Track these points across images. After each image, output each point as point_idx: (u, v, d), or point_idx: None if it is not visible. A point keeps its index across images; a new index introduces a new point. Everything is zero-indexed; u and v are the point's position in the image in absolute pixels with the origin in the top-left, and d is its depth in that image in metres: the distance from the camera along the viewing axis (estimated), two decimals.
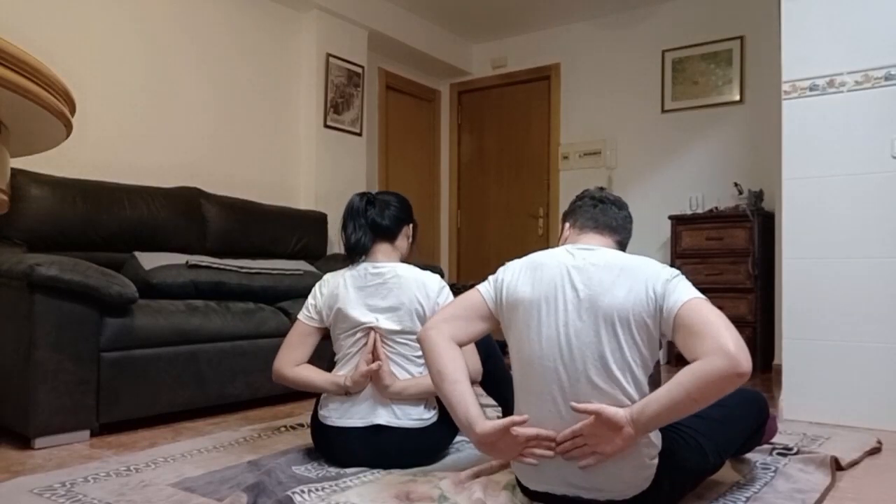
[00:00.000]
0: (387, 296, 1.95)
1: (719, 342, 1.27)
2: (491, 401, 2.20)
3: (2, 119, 1.13)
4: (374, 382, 1.91)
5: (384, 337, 1.93)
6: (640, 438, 1.38)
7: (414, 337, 1.93)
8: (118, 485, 1.79)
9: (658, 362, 1.48)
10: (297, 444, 2.21)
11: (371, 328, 1.93)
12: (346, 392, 1.92)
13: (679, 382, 1.29)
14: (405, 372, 1.93)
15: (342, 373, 1.96)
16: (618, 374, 1.40)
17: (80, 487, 1.77)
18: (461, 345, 1.59)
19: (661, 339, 1.44)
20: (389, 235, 2.06)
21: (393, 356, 1.94)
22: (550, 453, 1.43)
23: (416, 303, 1.94)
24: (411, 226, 2.13)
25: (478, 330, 1.60)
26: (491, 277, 1.61)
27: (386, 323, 1.93)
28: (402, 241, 2.10)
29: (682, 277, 1.44)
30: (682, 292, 1.38)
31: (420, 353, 1.94)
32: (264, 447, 2.20)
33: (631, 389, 1.40)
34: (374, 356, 1.90)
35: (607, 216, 1.65)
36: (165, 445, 2.23)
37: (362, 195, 2.08)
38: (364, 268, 2.01)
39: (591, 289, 1.43)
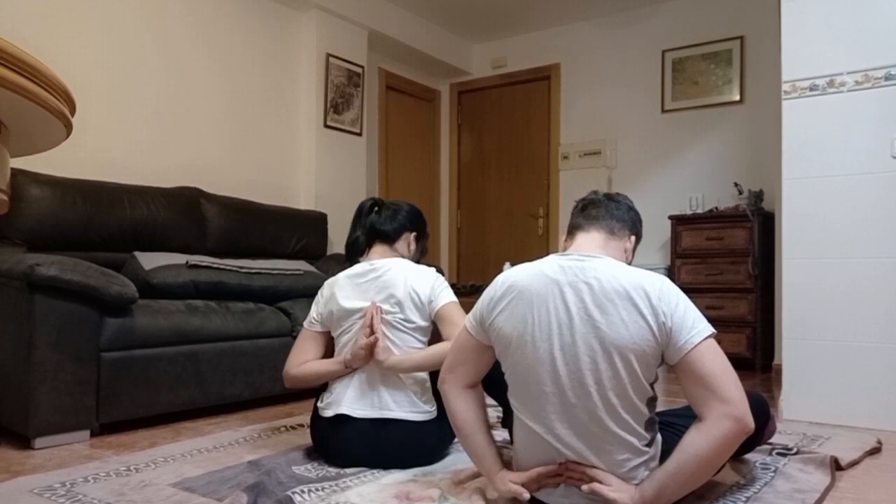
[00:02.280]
0: (382, 289, 1.99)
1: (727, 407, 1.30)
2: (491, 401, 2.20)
3: (2, 119, 1.13)
4: (372, 356, 1.94)
5: (383, 320, 1.96)
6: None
7: (411, 326, 1.97)
8: (118, 485, 1.79)
9: (653, 384, 1.46)
10: (297, 444, 2.22)
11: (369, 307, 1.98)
12: (347, 366, 1.97)
13: (692, 455, 1.31)
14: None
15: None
16: (615, 401, 1.37)
17: (80, 487, 1.77)
18: (475, 384, 1.61)
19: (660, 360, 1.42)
20: (387, 239, 2.11)
21: (391, 344, 1.95)
22: (560, 479, 1.44)
23: (412, 290, 1.97)
24: (414, 234, 2.16)
25: (482, 365, 1.60)
26: (475, 307, 1.58)
27: (386, 307, 1.98)
28: (402, 247, 2.13)
29: (687, 303, 1.39)
30: (693, 331, 1.35)
31: (417, 345, 1.97)
32: (264, 447, 2.20)
33: (627, 416, 1.38)
34: (372, 329, 1.93)
35: (595, 210, 1.61)
36: (165, 445, 2.23)
37: (371, 200, 2.18)
38: (361, 265, 2.07)
39: (586, 313, 1.38)
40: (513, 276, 1.51)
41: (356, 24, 4.61)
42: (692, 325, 1.36)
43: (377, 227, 2.11)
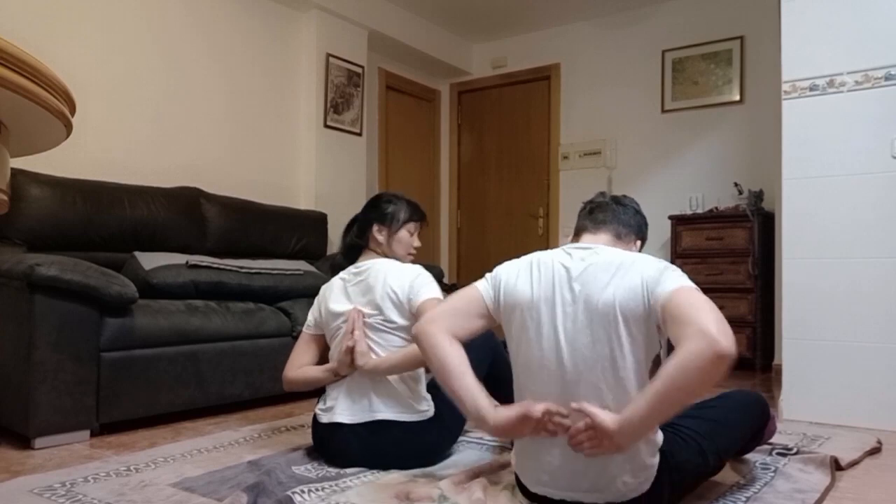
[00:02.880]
0: (364, 291, 2.01)
1: (699, 325, 1.22)
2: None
3: (2, 119, 1.13)
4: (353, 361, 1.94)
5: (365, 324, 1.97)
6: (636, 442, 1.36)
7: (393, 326, 1.96)
8: (118, 485, 1.79)
9: (658, 357, 1.46)
10: (297, 444, 2.21)
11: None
12: (336, 374, 1.98)
13: (661, 374, 1.24)
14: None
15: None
16: (621, 374, 1.38)
17: (81, 487, 1.77)
18: (459, 340, 1.53)
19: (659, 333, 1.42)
20: (363, 242, 2.13)
21: (375, 345, 1.96)
22: (567, 423, 1.36)
23: (391, 291, 1.96)
24: (375, 227, 2.10)
25: (476, 326, 1.56)
26: (489, 275, 1.58)
27: (366, 310, 1.98)
28: (374, 243, 2.11)
29: (674, 267, 1.41)
30: (671, 281, 1.35)
31: (402, 344, 1.96)
32: (265, 447, 2.20)
33: (634, 391, 1.38)
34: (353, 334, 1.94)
35: (602, 214, 1.64)
36: (165, 445, 2.23)
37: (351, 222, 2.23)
38: (349, 269, 2.10)
39: (587, 288, 1.42)
40: (532, 255, 1.56)
41: (356, 24, 4.61)
42: (673, 278, 1.36)
43: (347, 242, 2.17)
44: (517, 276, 1.53)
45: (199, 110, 3.77)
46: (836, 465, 1.97)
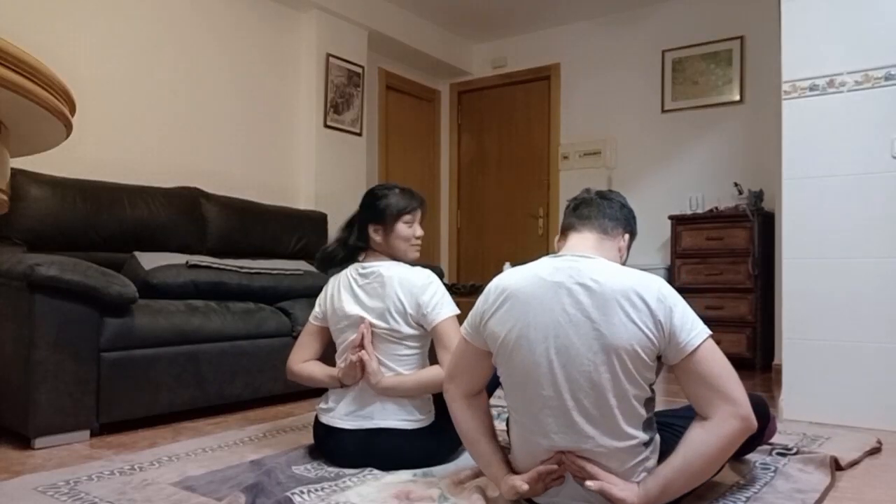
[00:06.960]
0: (372, 295, 1.97)
1: (734, 407, 1.33)
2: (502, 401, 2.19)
3: (2, 119, 1.13)
4: (363, 375, 1.92)
5: (373, 334, 1.94)
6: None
7: (399, 336, 1.94)
8: (120, 483, 1.80)
9: (651, 385, 1.44)
10: (299, 444, 2.21)
11: (361, 321, 1.95)
12: (341, 384, 1.97)
13: (696, 452, 1.32)
14: (393, 370, 1.94)
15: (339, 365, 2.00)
16: (612, 401, 1.36)
17: (84, 486, 1.77)
18: (477, 392, 1.61)
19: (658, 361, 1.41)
20: (364, 243, 2.06)
21: (380, 354, 1.94)
22: (562, 471, 1.43)
23: (398, 300, 1.92)
24: (371, 227, 2.02)
25: (483, 370, 1.58)
26: (470, 313, 1.57)
27: (372, 319, 1.95)
28: (374, 244, 2.03)
29: (685, 305, 1.38)
30: (692, 332, 1.35)
31: (408, 352, 1.96)
32: (268, 447, 2.20)
33: (625, 418, 1.37)
34: (362, 346, 1.92)
35: (587, 209, 1.60)
36: (166, 445, 2.23)
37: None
38: (355, 267, 2.06)
39: (585, 315, 1.36)
40: (505, 280, 1.49)
41: (356, 24, 4.61)
42: (691, 326, 1.36)
43: (347, 243, 2.07)
44: (496, 306, 1.47)
45: (200, 110, 3.77)
46: (836, 465, 1.97)
